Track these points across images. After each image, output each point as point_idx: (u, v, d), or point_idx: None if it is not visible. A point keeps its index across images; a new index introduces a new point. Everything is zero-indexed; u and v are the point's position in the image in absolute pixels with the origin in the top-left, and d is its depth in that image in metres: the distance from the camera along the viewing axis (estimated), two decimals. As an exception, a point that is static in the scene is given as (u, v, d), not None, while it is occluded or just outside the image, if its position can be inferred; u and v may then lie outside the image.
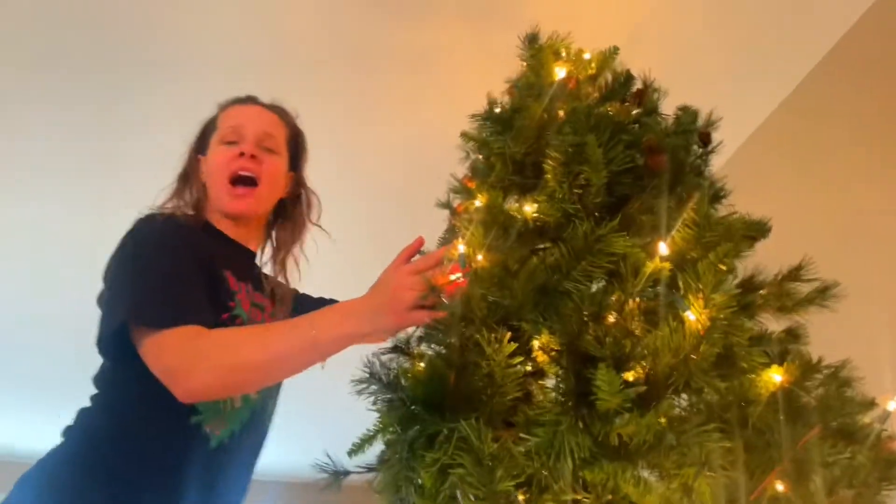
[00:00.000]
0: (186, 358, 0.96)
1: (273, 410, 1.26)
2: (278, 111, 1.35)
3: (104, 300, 1.08)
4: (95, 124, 2.33)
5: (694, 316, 0.79)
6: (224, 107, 1.34)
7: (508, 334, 0.85)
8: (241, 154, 1.23)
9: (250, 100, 1.34)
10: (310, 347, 0.97)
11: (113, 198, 2.60)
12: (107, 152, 2.45)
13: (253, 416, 1.15)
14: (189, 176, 1.30)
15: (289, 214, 1.36)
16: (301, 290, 1.40)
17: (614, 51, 1.25)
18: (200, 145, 1.33)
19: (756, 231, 1.03)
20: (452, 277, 0.93)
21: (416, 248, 1.05)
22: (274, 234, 1.37)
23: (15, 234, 2.83)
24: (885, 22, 1.84)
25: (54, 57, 2.08)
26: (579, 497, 0.76)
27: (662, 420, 0.76)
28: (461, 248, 0.92)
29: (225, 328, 1.01)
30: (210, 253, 1.15)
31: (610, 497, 0.73)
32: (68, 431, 1.10)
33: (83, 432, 1.07)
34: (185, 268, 1.07)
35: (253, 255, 1.32)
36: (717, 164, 1.44)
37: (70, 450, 1.06)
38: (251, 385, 1.04)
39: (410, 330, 1.01)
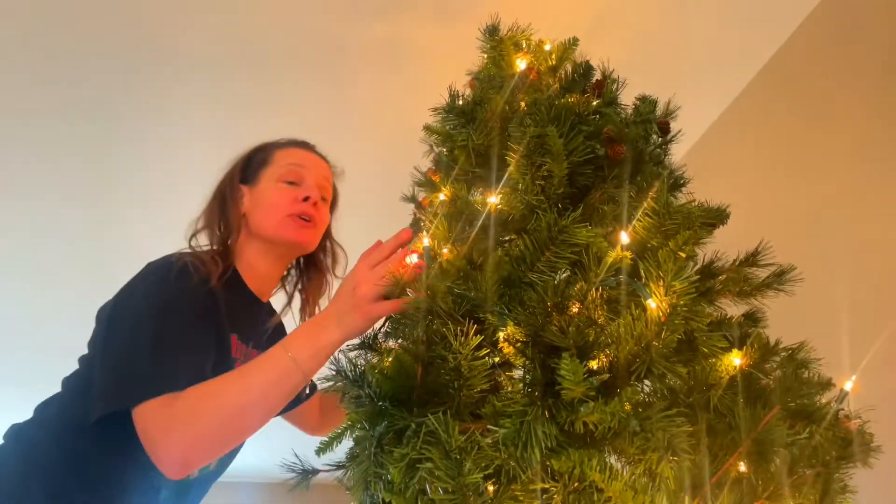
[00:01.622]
0: (167, 428, 0.88)
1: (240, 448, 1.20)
2: (329, 164, 1.36)
3: (99, 355, 1.01)
4: (89, 126, 2.30)
5: (655, 303, 0.80)
6: (281, 145, 1.33)
7: (475, 327, 0.85)
8: (306, 199, 1.23)
9: (307, 146, 1.35)
10: (292, 371, 0.93)
11: (111, 197, 2.61)
12: (102, 154, 2.41)
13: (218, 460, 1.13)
14: (226, 202, 1.25)
15: (319, 267, 1.37)
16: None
17: (574, 42, 1.26)
18: (245, 175, 1.29)
19: (715, 218, 1.04)
20: (407, 261, 0.93)
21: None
22: (302, 285, 1.36)
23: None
24: (840, 10, 1.88)
25: (54, 58, 2.03)
26: (547, 486, 0.77)
27: (627, 407, 0.77)
28: (426, 241, 0.92)
29: (199, 385, 0.92)
30: (219, 316, 1.10)
31: (577, 485, 0.74)
32: (19, 432, 1.05)
33: (29, 441, 1.03)
34: (185, 333, 1.01)
35: (264, 307, 1.28)
36: (679, 153, 1.46)
37: (14, 454, 1.02)
38: (245, 432, 0.95)
39: (377, 326, 1.01)
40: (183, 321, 1.01)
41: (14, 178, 2.49)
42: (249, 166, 1.30)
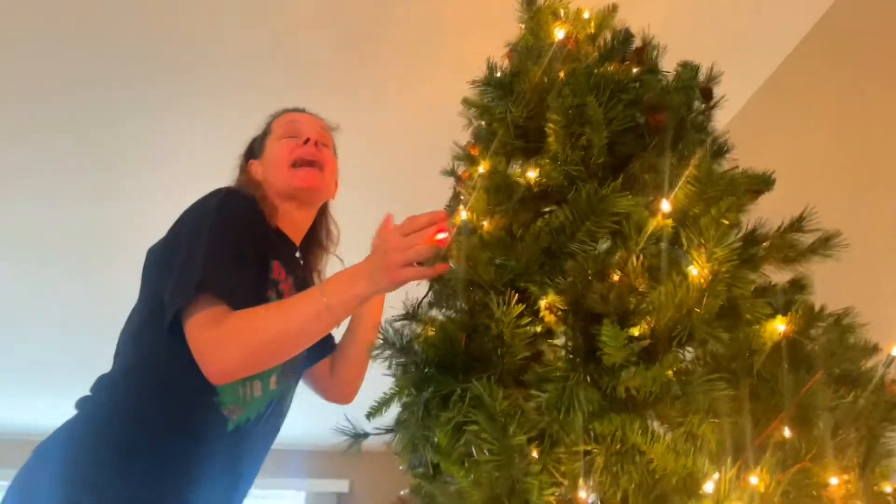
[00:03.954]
0: (216, 340, 1.01)
1: (290, 404, 1.32)
2: (322, 119, 1.46)
3: (178, 258, 1.10)
4: (95, 122, 2.35)
5: (696, 270, 0.80)
6: (276, 115, 1.45)
7: (516, 296, 0.87)
8: (306, 141, 1.33)
9: (298, 109, 1.45)
10: (324, 313, 1.03)
11: (111, 192, 2.67)
12: (104, 148, 2.48)
13: (269, 406, 1.20)
14: (240, 178, 1.38)
15: (318, 242, 1.46)
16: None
17: (613, 9, 1.25)
18: (252, 152, 1.43)
19: (760, 184, 1.04)
20: (439, 237, 0.98)
21: (387, 223, 1.22)
22: (305, 258, 1.44)
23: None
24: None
25: (52, 58, 2.10)
26: (590, 448, 0.79)
27: (668, 372, 0.78)
28: (463, 214, 0.94)
29: (246, 309, 1.05)
30: (267, 240, 1.21)
31: (619, 447, 0.76)
32: (85, 403, 1.13)
33: (101, 404, 1.11)
34: (252, 252, 1.14)
35: (296, 250, 1.38)
36: (723, 120, 1.44)
37: (88, 422, 1.09)
38: (276, 358, 1.09)
39: (419, 295, 1.04)
40: (253, 241, 1.15)
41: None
42: (255, 144, 1.44)
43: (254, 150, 1.42)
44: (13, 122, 2.33)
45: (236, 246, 1.11)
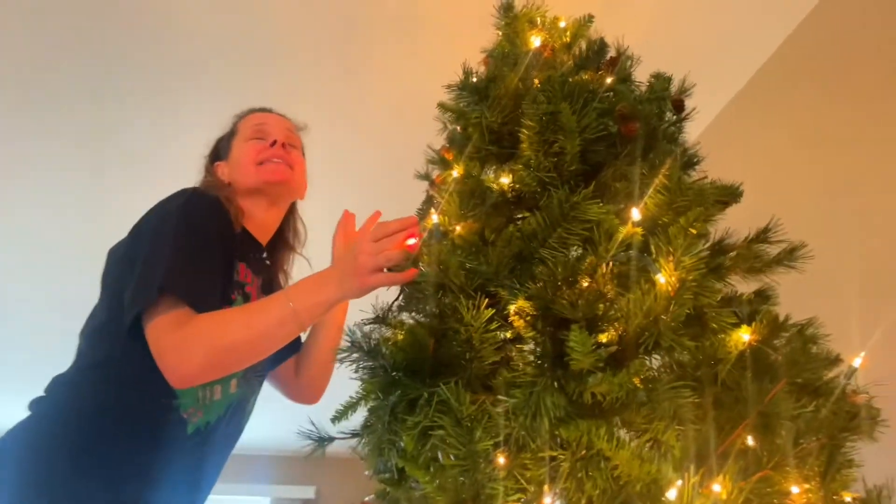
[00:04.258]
0: (178, 343, 0.99)
1: (252, 407, 1.30)
2: (290, 119, 1.44)
3: (140, 259, 1.08)
4: (89, 125, 2.33)
5: (664, 278, 0.81)
6: (242, 115, 1.42)
7: (486, 301, 0.87)
8: (273, 143, 1.31)
9: (265, 109, 1.43)
10: (290, 319, 1.01)
11: (101, 194, 2.63)
12: (98, 151, 2.45)
13: (229, 410, 1.18)
14: (207, 179, 1.36)
15: (285, 242, 1.44)
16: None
17: (589, 19, 1.26)
18: (217, 154, 1.40)
19: (728, 196, 1.05)
20: (409, 243, 0.98)
21: (375, 219, 1.22)
22: (272, 258, 1.42)
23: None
24: (859, -13, 1.85)
25: (53, 57, 2.06)
26: (556, 454, 0.79)
27: (635, 379, 0.79)
28: (434, 217, 0.94)
29: (210, 312, 1.02)
30: (232, 242, 1.19)
31: (584, 453, 0.76)
32: (39, 403, 1.10)
33: (57, 404, 1.08)
34: (217, 254, 1.12)
35: (263, 251, 1.36)
36: (694, 132, 1.46)
37: (43, 423, 1.06)
38: (240, 363, 1.07)
39: (389, 299, 1.03)
40: (218, 244, 1.12)
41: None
42: (220, 145, 1.41)
43: (219, 152, 1.40)
44: (13, 121, 2.29)
45: (200, 248, 1.09)
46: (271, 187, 1.30)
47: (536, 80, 1.15)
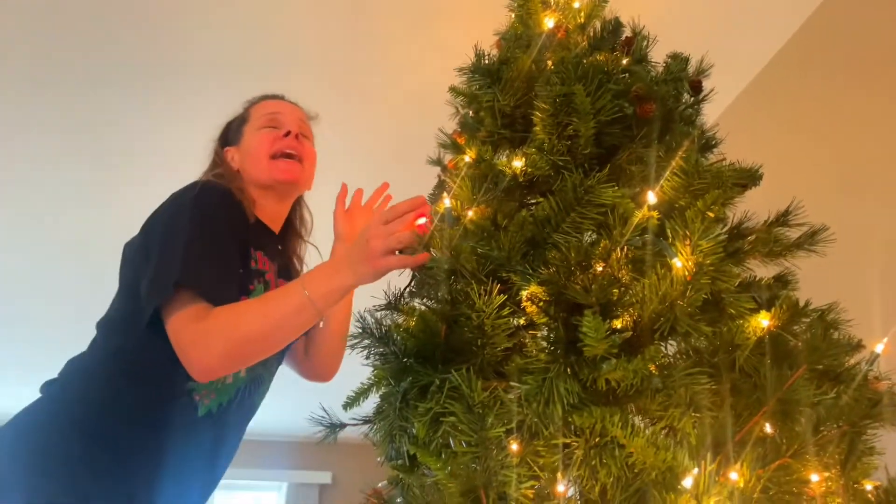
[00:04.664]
0: (198, 337, 0.99)
1: (267, 389, 1.30)
2: (302, 108, 1.42)
3: (155, 253, 1.08)
4: (93, 121, 2.34)
5: (681, 262, 0.79)
6: (254, 101, 1.41)
7: (498, 286, 0.86)
8: (287, 134, 1.30)
9: (278, 96, 1.42)
10: (307, 307, 1.00)
11: (103, 186, 2.64)
12: (100, 145, 2.45)
13: (240, 393, 1.19)
14: (217, 167, 1.34)
15: (293, 230, 1.43)
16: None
17: (604, -1, 1.23)
18: (227, 138, 1.38)
19: (746, 178, 1.02)
20: (419, 222, 0.96)
21: (382, 190, 1.31)
22: (283, 246, 1.40)
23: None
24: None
25: (53, 56, 2.07)
26: (569, 441, 0.78)
27: (650, 365, 0.77)
28: (447, 201, 0.93)
29: (228, 305, 1.02)
30: (247, 232, 1.19)
31: (598, 440, 0.75)
32: (50, 386, 1.11)
33: (71, 389, 1.09)
34: (231, 245, 1.12)
35: (276, 239, 1.35)
36: (712, 114, 1.42)
37: (54, 406, 1.07)
38: (259, 354, 1.06)
39: (401, 285, 1.02)
40: (232, 235, 1.12)
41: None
42: (230, 130, 1.39)
43: (229, 137, 1.38)
44: (15, 115, 2.30)
45: (215, 240, 1.09)
46: (281, 185, 1.30)
47: (550, 62, 1.13)
